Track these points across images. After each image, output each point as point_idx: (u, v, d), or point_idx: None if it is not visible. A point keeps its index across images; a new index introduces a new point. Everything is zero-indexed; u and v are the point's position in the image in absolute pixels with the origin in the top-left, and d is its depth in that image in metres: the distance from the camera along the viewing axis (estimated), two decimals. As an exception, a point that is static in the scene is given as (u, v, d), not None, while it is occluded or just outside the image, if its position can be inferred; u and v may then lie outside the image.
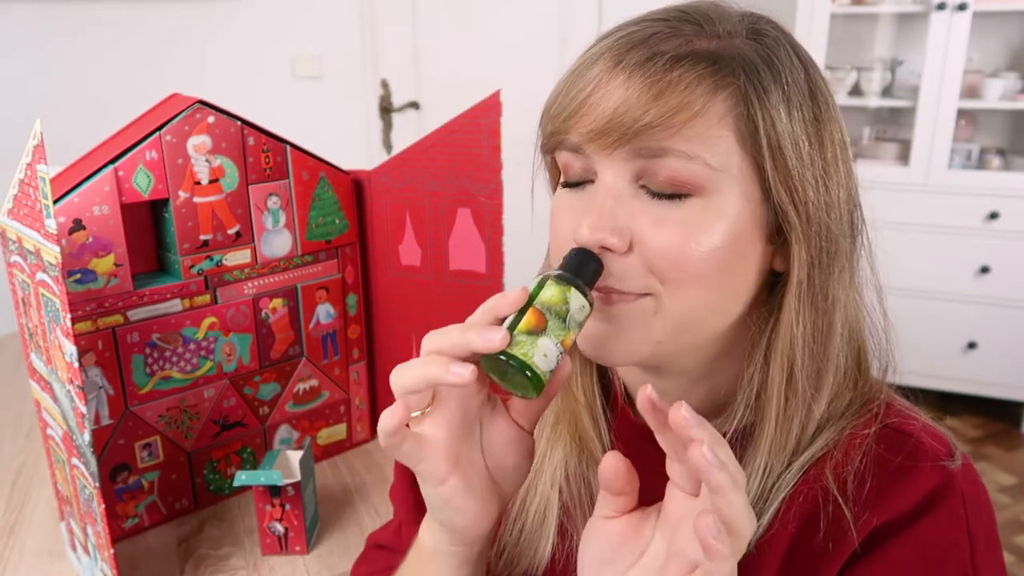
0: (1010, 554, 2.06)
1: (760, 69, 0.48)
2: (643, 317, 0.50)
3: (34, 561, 0.86)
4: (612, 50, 0.49)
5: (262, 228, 0.93)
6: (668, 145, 0.47)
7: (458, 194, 0.96)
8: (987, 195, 2.50)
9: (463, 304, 1.00)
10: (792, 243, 0.50)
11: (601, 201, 0.49)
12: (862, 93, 2.68)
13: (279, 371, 0.98)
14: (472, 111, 0.92)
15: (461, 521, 0.51)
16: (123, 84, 2.28)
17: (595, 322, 0.51)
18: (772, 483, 0.52)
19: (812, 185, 0.49)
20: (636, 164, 0.49)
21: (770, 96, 0.48)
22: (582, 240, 0.49)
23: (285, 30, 2.60)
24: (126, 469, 0.88)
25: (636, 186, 0.50)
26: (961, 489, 0.50)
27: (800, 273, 0.51)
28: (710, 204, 0.48)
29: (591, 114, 0.49)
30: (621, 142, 0.48)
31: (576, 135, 0.50)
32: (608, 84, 0.48)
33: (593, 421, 0.60)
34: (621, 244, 0.49)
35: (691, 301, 0.49)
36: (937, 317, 2.61)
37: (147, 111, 0.90)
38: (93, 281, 0.81)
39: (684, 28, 0.50)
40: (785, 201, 0.49)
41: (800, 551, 0.52)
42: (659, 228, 0.48)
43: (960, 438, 2.60)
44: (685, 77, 0.47)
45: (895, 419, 0.54)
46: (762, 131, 0.48)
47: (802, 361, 0.52)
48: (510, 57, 2.55)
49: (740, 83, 0.48)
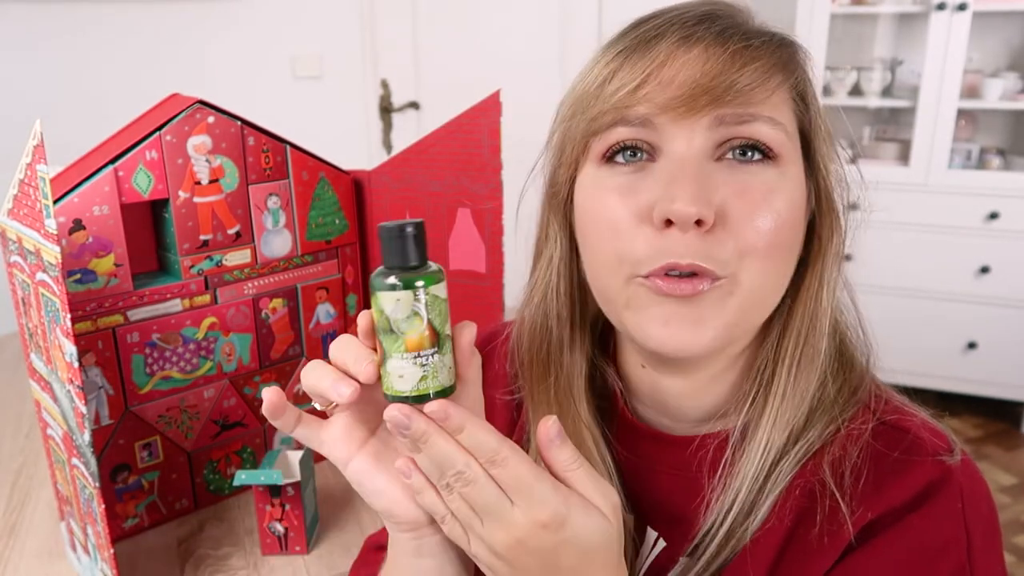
0: (1010, 554, 2.06)
1: (801, 51, 0.53)
2: (720, 299, 0.49)
3: (34, 561, 0.86)
4: (677, 24, 0.50)
5: (262, 228, 0.93)
6: (756, 111, 0.48)
7: (458, 194, 0.96)
8: (987, 195, 2.50)
9: (463, 304, 1.01)
10: (826, 222, 0.53)
11: (691, 171, 0.47)
12: (862, 93, 2.68)
13: (279, 371, 0.98)
14: (472, 111, 0.92)
15: (380, 503, 0.50)
16: (123, 84, 2.28)
17: (672, 308, 0.49)
18: (770, 475, 0.52)
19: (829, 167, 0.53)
20: (717, 133, 0.48)
21: (813, 82, 0.53)
22: (679, 213, 0.46)
23: (285, 30, 2.60)
24: (126, 469, 0.88)
25: (714, 158, 0.49)
26: (959, 483, 0.50)
27: (831, 250, 0.53)
28: (783, 173, 0.50)
29: (671, 83, 0.48)
30: (711, 107, 0.48)
31: (648, 106, 0.48)
32: (685, 55, 0.48)
33: (593, 420, 0.60)
34: (713, 217, 0.47)
35: (765, 275, 0.49)
36: (937, 317, 2.61)
37: (147, 111, 0.90)
38: (93, 281, 0.81)
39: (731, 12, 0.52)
40: (827, 181, 0.52)
41: (795, 544, 0.52)
42: (744, 198, 0.48)
43: (960, 438, 2.59)
44: (765, 49, 0.49)
45: (894, 415, 0.54)
46: (814, 110, 0.52)
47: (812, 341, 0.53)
48: (510, 57, 2.55)
49: (801, 63, 0.52)
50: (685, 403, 0.57)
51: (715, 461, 0.55)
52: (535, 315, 0.60)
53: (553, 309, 0.59)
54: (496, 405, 0.66)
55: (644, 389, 0.59)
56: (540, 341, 0.60)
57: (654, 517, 0.59)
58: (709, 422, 0.58)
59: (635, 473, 0.60)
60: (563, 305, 0.58)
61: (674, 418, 0.59)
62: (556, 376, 0.60)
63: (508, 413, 0.66)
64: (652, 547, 0.59)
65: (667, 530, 0.58)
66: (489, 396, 0.67)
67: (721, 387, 0.56)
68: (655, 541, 0.59)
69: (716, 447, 0.55)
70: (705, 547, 0.54)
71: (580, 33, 2.52)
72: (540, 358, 0.60)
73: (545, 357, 0.60)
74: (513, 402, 0.66)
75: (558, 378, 0.60)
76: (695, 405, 0.57)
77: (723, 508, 0.53)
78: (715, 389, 0.56)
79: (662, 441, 0.59)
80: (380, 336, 0.44)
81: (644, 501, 0.60)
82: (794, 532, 0.52)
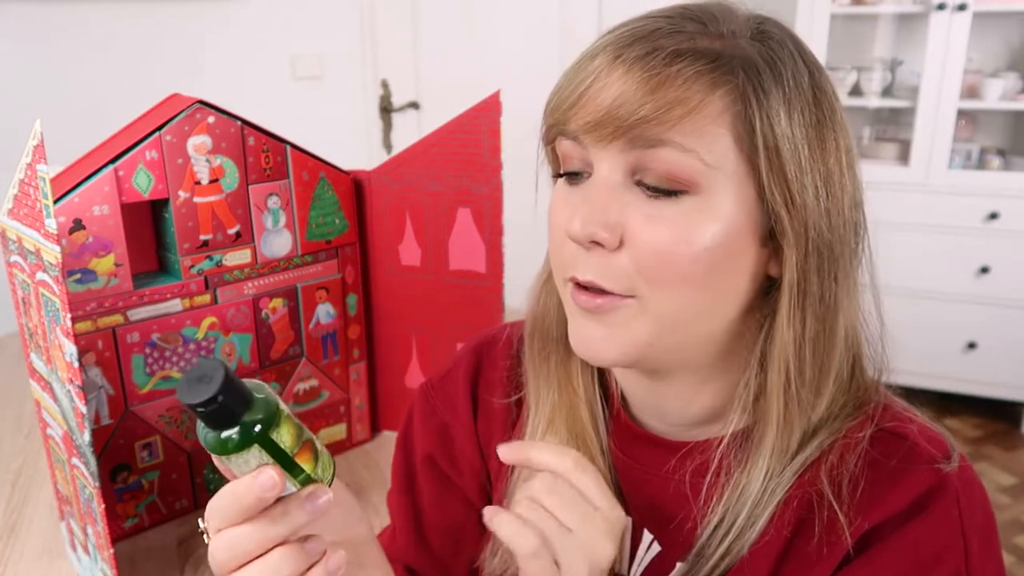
0: (1010, 554, 2.06)
1: (761, 69, 0.48)
2: (627, 318, 0.50)
3: (34, 561, 0.86)
4: (613, 44, 0.49)
5: (262, 228, 0.93)
6: (665, 136, 0.47)
7: (458, 194, 0.96)
8: (987, 195, 2.50)
9: (463, 304, 1.01)
10: (784, 248, 0.49)
11: (595, 195, 0.50)
12: (862, 93, 2.68)
13: (279, 371, 0.98)
14: (472, 111, 0.92)
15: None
16: (123, 84, 2.28)
17: (583, 322, 0.52)
18: (770, 487, 0.52)
19: (811, 190, 0.48)
20: (632, 156, 0.48)
21: (769, 97, 0.47)
22: (573, 233, 0.49)
23: (285, 30, 2.60)
24: (126, 469, 0.88)
25: (631, 181, 0.49)
26: (956, 490, 0.50)
27: (792, 277, 0.50)
28: (704, 203, 0.48)
29: (589, 105, 0.49)
30: (617, 134, 0.48)
31: (574, 125, 0.50)
32: (607, 76, 0.48)
33: (592, 418, 0.60)
34: (612, 239, 0.48)
35: (677, 302, 0.49)
36: (937, 317, 2.61)
37: (147, 111, 0.90)
38: (93, 281, 0.81)
39: (687, 26, 0.49)
40: (779, 204, 0.48)
41: (793, 556, 0.52)
42: (651, 225, 0.48)
43: (960, 438, 2.60)
44: (684, 72, 0.47)
45: (891, 422, 0.53)
46: (759, 131, 0.47)
47: (799, 367, 0.51)
48: (510, 57, 2.55)
49: (739, 82, 0.47)
50: (672, 407, 0.57)
51: (708, 472, 0.55)
52: (540, 295, 0.62)
53: (555, 291, 0.59)
54: (494, 409, 0.66)
55: (634, 390, 0.59)
56: (543, 318, 0.62)
57: (646, 519, 0.59)
58: (702, 427, 0.57)
59: (629, 473, 0.60)
60: None
61: (666, 421, 0.59)
62: (555, 351, 0.61)
63: (506, 416, 0.66)
64: (647, 549, 0.59)
65: (660, 534, 0.58)
66: (486, 401, 0.67)
67: (706, 397, 0.56)
68: (650, 544, 0.59)
69: (711, 457, 0.55)
70: (702, 557, 0.53)
71: (580, 33, 2.52)
72: (542, 333, 0.62)
73: (546, 332, 0.62)
74: (510, 404, 0.66)
75: (557, 353, 0.61)
76: (682, 410, 0.57)
77: (720, 520, 0.53)
78: (699, 398, 0.56)
79: (656, 445, 0.59)
80: (233, 466, 0.44)
81: (637, 502, 0.60)
82: (792, 543, 0.52)
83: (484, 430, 0.67)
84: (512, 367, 0.66)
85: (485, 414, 0.67)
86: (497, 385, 0.67)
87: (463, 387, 0.68)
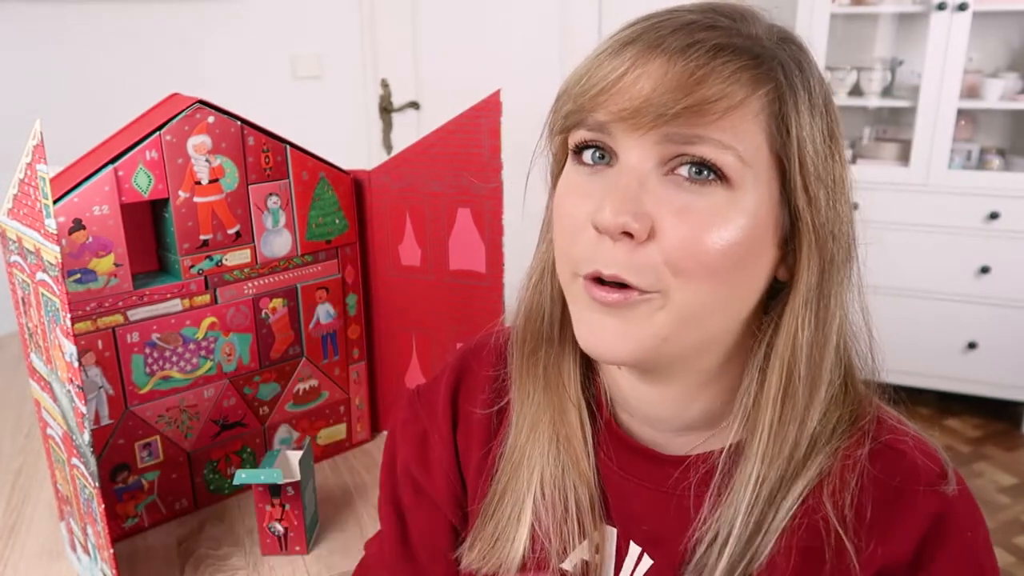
0: (1010, 554, 2.06)
1: (794, 73, 0.49)
2: (648, 312, 0.49)
3: (34, 561, 0.86)
4: (650, 32, 0.48)
5: (262, 228, 0.93)
6: (703, 133, 0.46)
7: (458, 194, 0.96)
8: (987, 195, 2.50)
9: (463, 304, 1.01)
10: (803, 249, 0.50)
11: (626, 183, 0.48)
12: (862, 93, 2.68)
13: (279, 371, 0.98)
14: (472, 111, 0.92)
15: None
16: (123, 84, 2.28)
17: (597, 317, 0.50)
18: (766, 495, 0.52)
19: (824, 195, 0.49)
20: (665, 149, 0.47)
21: (799, 102, 0.48)
22: (604, 223, 0.47)
23: (285, 30, 2.60)
24: (126, 469, 0.88)
25: (660, 172, 0.48)
26: (960, 516, 0.51)
27: (810, 279, 0.50)
28: (734, 199, 0.48)
29: (625, 93, 0.47)
30: (656, 124, 0.47)
31: (605, 114, 0.48)
32: (645, 65, 0.47)
33: (580, 423, 0.60)
34: (642, 231, 0.47)
35: (701, 296, 0.48)
36: (937, 317, 2.61)
37: (147, 111, 0.90)
38: (93, 281, 0.81)
39: (721, 21, 0.49)
40: (803, 207, 0.49)
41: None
42: (682, 217, 0.47)
43: (960, 438, 2.60)
44: (729, 66, 0.46)
45: (887, 435, 0.53)
46: (794, 133, 0.48)
47: (799, 370, 0.51)
48: (510, 57, 2.55)
49: (780, 82, 0.48)
50: (662, 412, 0.57)
51: (700, 485, 0.54)
52: (532, 295, 0.61)
53: (547, 290, 0.59)
54: (474, 420, 0.65)
55: (623, 393, 0.58)
56: (535, 318, 0.60)
57: (634, 531, 0.58)
58: (692, 433, 0.57)
59: (616, 483, 0.59)
60: (557, 288, 0.58)
61: (655, 427, 0.58)
62: (547, 352, 0.60)
63: (486, 427, 0.65)
64: (637, 563, 0.58)
65: (651, 548, 0.58)
66: (467, 411, 0.65)
67: (701, 403, 0.55)
68: (639, 556, 0.58)
69: (704, 471, 0.54)
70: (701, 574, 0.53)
71: (580, 33, 2.52)
72: (533, 333, 0.61)
73: (537, 332, 0.60)
74: (491, 415, 0.65)
75: (548, 353, 0.60)
76: (673, 415, 0.56)
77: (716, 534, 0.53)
78: (695, 403, 0.55)
79: (646, 457, 0.58)
80: None
81: (624, 512, 0.59)
82: (799, 572, 0.51)
83: (463, 441, 0.66)
84: (496, 376, 0.65)
85: (465, 424, 0.66)
86: (479, 394, 0.65)
87: (444, 396, 0.67)
